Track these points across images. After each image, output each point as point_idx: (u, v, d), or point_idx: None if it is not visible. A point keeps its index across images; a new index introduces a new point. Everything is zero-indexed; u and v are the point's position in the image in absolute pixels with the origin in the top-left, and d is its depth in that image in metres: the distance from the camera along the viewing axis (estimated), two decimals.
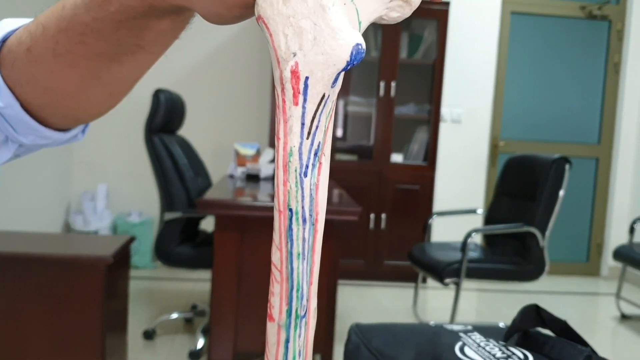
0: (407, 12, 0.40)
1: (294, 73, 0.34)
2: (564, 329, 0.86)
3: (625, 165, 4.88)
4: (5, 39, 0.49)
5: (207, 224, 3.65)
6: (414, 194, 4.33)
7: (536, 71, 4.84)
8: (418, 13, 4.29)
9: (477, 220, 4.34)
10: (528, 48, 4.82)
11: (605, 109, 4.91)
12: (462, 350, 0.83)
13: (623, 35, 4.85)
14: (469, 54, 4.71)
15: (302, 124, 0.36)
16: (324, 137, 0.37)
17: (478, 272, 2.97)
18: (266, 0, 0.34)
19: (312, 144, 0.36)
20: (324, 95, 0.36)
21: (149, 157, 2.90)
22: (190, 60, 4.45)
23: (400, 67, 4.37)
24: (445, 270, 2.89)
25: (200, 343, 2.78)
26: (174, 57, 4.33)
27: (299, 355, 0.39)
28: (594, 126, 4.93)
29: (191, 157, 3.21)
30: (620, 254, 3.63)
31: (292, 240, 0.37)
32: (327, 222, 2.39)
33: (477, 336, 0.90)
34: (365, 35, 4.40)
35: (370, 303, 3.80)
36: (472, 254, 3.08)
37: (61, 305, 2.05)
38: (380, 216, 4.32)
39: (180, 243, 2.89)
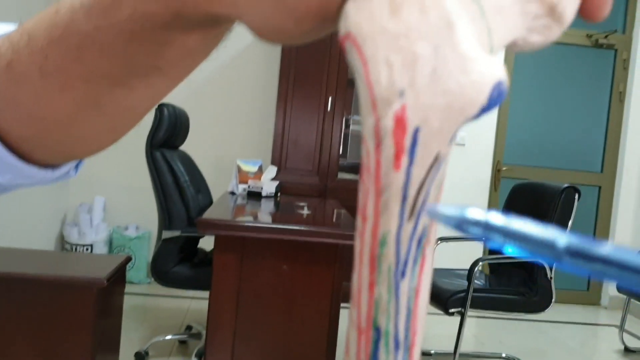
0: (554, 34, 0.29)
1: (400, 122, 0.24)
2: None
3: (628, 194, 4.84)
4: None
5: (206, 241, 3.56)
6: None
7: (540, 97, 4.81)
8: None
9: (479, 246, 4.27)
10: (533, 74, 4.78)
11: (609, 137, 4.87)
12: None
13: (629, 64, 4.82)
14: None
15: (404, 197, 0.25)
16: None
17: (483, 302, 2.90)
18: (361, 9, 0.24)
19: (415, 227, 0.26)
20: (437, 156, 0.25)
21: (149, 173, 2.83)
22: (195, 74, 4.37)
23: None
24: (451, 300, 2.82)
25: None
26: None
27: None
28: (597, 154, 4.89)
29: (193, 174, 3.13)
30: (624, 287, 3.55)
31: None
32: (331, 247, 2.33)
33: None
34: None
35: None
36: (477, 283, 3.01)
37: (51, 327, 1.96)
38: None
39: (177, 262, 2.80)
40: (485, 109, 0.25)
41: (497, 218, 0.20)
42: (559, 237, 0.19)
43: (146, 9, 0.30)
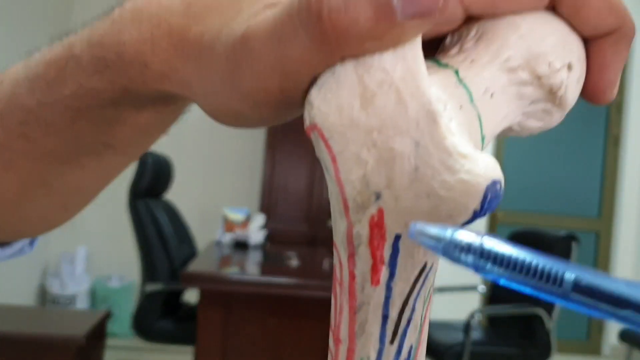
0: (555, 120, 0.26)
1: (377, 229, 0.20)
2: None
3: (627, 239, 4.74)
4: None
5: (191, 293, 3.44)
6: None
7: (535, 142, 4.76)
8: None
9: (475, 297, 4.15)
10: None
11: (605, 182, 4.81)
12: None
13: (622, 107, 4.79)
14: None
15: (385, 316, 0.21)
16: (419, 337, 0.23)
17: (481, 356, 2.78)
18: (327, 99, 0.20)
19: (399, 351, 0.22)
20: (424, 265, 0.21)
21: (132, 223, 2.74)
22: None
23: None
24: (447, 354, 2.70)
25: None
26: None
27: None
28: (594, 199, 4.82)
29: (177, 224, 3.05)
30: (628, 336, 3.44)
31: None
32: (322, 301, 2.24)
33: None
34: None
35: None
36: (475, 335, 2.90)
37: None
38: None
39: (161, 317, 2.69)
40: (479, 214, 0.20)
41: (493, 243, 0.17)
42: (567, 270, 0.17)
43: (92, 85, 0.27)
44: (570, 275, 0.16)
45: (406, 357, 0.22)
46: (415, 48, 0.20)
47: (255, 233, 3.29)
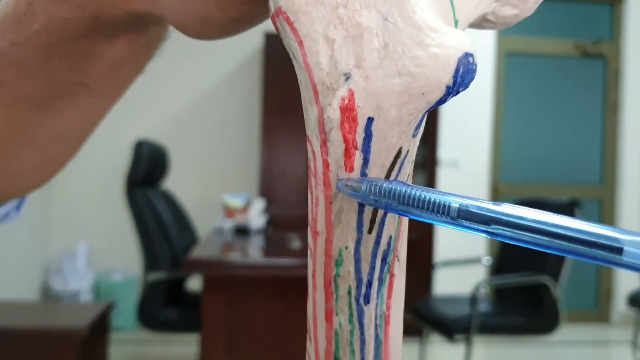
0: (530, 6, 0.26)
1: (347, 111, 0.20)
2: None
3: (630, 205, 4.72)
4: None
5: (194, 282, 3.42)
6: (413, 243, 4.11)
7: (534, 112, 4.73)
8: None
9: (481, 268, 4.13)
10: (524, 88, 4.71)
11: (606, 148, 4.78)
12: None
13: (619, 72, 4.75)
14: (464, 96, 4.57)
15: (361, 204, 0.21)
16: (398, 228, 0.22)
17: (489, 327, 2.76)
18: None
19: (378, 241, 0.22)
20: (399, 152, 0.21)
21: (130, 213, 2.70)
22: (174, 105, 4.28)
23: None
24: (455, 325, 2.68)
25: None
26: (156, 101, 4.16)
27: None
28: (595, 166, 4.79)
29: (176, 212, 3.01)
30: (637, 301, 3.42)
31: None
32: None
33: None
34: None
35: None
36: (482, 307, 2.87)
37: None
38: None
39: (164, 306, 2.67)
40: (452, 90, 0.20)
41: (400, 186, 0.19)
42: (453, 199, 0.19)
43: (61, 15, 0.27)
44: (454, 204, 0.18)
45: (386, 248, 0.22)
46: None
47: (256, 218, 3.26)
